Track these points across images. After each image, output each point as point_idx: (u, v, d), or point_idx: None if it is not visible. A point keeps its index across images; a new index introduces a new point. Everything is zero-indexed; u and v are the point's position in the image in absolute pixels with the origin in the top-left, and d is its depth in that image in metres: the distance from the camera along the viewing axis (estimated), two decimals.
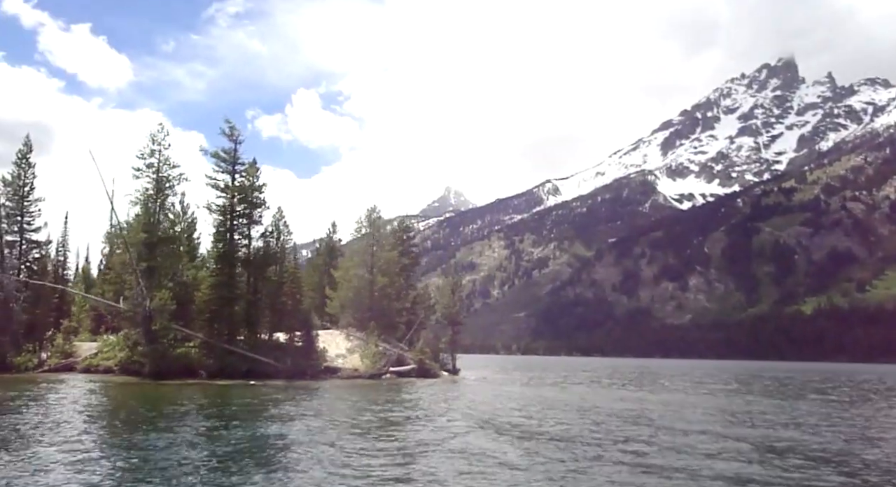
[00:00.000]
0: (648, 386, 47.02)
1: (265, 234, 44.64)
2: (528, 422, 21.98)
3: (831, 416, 26.80)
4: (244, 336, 42.35)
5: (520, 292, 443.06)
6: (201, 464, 13.76)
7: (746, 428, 21.88)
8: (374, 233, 54.08)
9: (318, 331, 50.05)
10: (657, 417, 24.17)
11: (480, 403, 29.35)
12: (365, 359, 44.80)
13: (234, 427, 19.56)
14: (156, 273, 39.66)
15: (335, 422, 21.30)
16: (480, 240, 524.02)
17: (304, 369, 41.58)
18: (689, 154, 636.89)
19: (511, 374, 66.97)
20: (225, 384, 35.64)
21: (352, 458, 14.72)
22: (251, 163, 43.49)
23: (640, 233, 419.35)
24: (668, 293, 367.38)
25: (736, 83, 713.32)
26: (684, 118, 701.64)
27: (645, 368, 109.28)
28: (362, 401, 28.96)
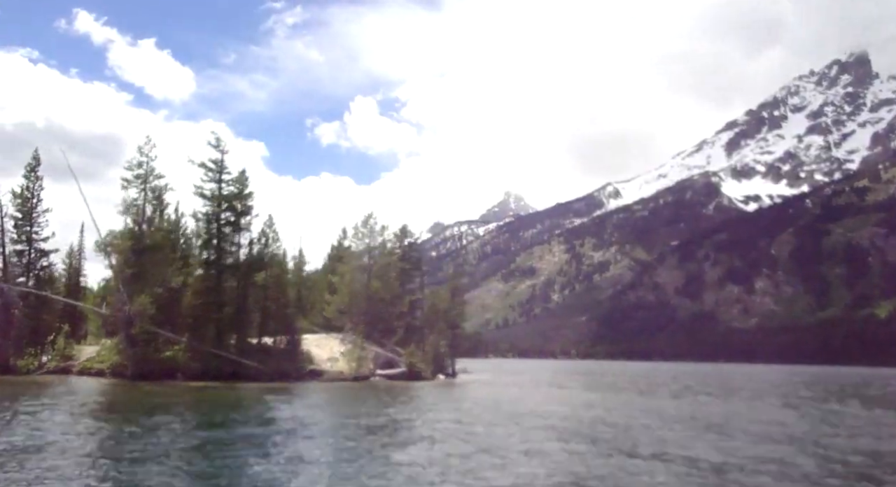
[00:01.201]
0: (726, 396, 42.69)
1: (252, 241, 46.03)
2: (454, 430, 20.90)
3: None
4: (233, 339, 43.84)
5: (580, 296, 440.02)
6: (106, 460, 14.16)
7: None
8: (371, 239, 55.12)
9: (309, 335, 51.49)
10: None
11: (434, 408, 29.26)
12: (351, 362, 45.87)
13: (165, 423, 20.34)
14: (141, 279, 41.39)
15: (263, 422, 21.87)
16: (540, 244, 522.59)
17: (288, 372, 42.86)
18: (755, 154, 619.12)
19: (513, 378, 64.97)
20: (199, 385, 36.84)
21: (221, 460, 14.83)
22: (241, 172, 45.32)
23: (703, 236, 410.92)
24: (733, 296, 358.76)
25: (804, 80, 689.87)
26: (749, 118, 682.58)
27: (712, 373, 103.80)
28: (314, 403, 29.54)
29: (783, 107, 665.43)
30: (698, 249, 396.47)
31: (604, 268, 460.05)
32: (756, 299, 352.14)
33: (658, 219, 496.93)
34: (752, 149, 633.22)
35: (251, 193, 45.29)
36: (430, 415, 25.11)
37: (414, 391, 38.95)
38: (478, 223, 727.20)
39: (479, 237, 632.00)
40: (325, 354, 47.91)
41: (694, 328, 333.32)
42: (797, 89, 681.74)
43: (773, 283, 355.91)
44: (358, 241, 54.94)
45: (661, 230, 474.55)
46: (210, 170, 43.93)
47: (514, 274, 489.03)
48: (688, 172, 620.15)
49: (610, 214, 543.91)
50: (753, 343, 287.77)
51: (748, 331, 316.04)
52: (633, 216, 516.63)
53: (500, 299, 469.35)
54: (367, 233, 54.79)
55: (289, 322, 45.39)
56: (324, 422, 22.31)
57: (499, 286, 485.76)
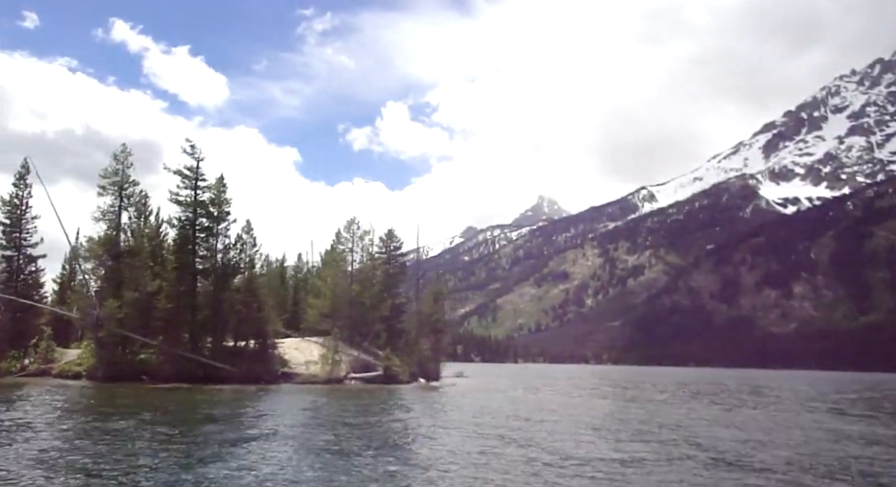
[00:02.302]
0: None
1: (228, 246, 46.33)
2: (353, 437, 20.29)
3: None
4: (208, 343, 44.36)
5: (614, 301, 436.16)
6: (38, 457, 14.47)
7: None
8: (354, 243, 55.33)
9: (290, 339, 51.80)
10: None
11: (379, 412, 28.87)
12: (325, 366, 46.18)
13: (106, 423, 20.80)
14: (116, 283, 42.25)
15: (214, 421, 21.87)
16: (573, 248, 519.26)
17: (259, 374, 43.15)
18: (794, 156, 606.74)
19: (504, 384, 63.42)
20: (166, 387, 37.25)
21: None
22: (218, 179, 45.77)
23: (740, 240, 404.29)
24: (770, 301, 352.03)
25: (845, 80, 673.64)
26: (788, 119, 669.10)
27: (748, 379, 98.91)
28: (270, 405, 29.35)
29: (823, 108, 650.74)
30: (735, 253, 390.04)
31: (638, 273, 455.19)
32: (795, 304, 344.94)
33: (693, 223, 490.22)
34: (790, 151, 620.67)
35: (228, 199, 45.87)
36: (350, 419, 24.76)
37: (374, 394, 38.81)
38: (511, 227, 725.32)
39: (512, 241, 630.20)
40: (304, 357, 48.25)
41: (730, 333, 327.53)
42: (838, 89, 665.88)
43: (812, 288, 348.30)
44: (341, 246, 55.14)
45: (697, 234, 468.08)
46: (185, 177, 44.42)
47: (547, 279, 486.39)
48: (724, 175, 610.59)
49: (644, 218, 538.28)
50: (791, 349, 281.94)
51: (786, 337, 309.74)
52: (667, 220, 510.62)
53: (532, 304, 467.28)
54: (350, 237, 55.05)
55: (260, 326, 45.59)
56: (243, 423, 21.94)
57: (531, 290, 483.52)
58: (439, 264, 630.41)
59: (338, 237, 55.30)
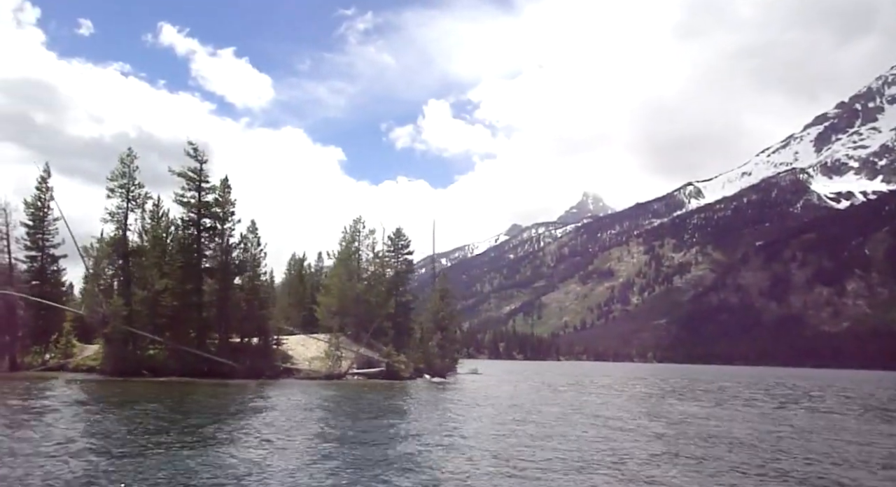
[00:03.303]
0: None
1: (229, 247, 47.54)
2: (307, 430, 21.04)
3: None
4: (217, 339, 45.89)
5: (660, 298, 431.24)
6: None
7: None
8: (359, 242, 56.43)
9: (296, 336, 53.17)
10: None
11: (353, 405, 29.32)
12: (327, 361, 47.60)
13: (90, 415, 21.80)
14: (124, 282, 44.23)
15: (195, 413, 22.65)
16: (619, 245, 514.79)
17: (262, 370, 44.55)
18: (848, 149, 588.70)
19: (517, 383, 60.95)
20: (169, 381, 38.54)
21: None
22: (223, 180, 47.26)
23: (790, 236, 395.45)
24: (822, 298, 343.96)
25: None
26: (841, 111, 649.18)
27: (806, 379, 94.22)
28: (254, 399, 30.36)
29: (879, 99, 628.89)
30: (785, 249, 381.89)
31: (684, 270, 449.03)
32: (848, 302, 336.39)
33: (741, 219, 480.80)
34: (843, 143, 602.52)
35: (233, 200, 47.30)
36: (320, 411, 25.66)
37: (367, 389, 39.67)
38: (556, 225, 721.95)
39: (557, 239, 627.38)
40: (309, 353, 49.79)
41: (780, 331, 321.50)
42: (895, 79, 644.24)
43: (866, 285, 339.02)
44: (347, 244, 56.11)
45: (745, 230, 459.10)
46: (190, 179, 45.90)
47: (592, 276, 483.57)
48: (774, 170, 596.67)
49: (690, 214, 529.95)
50: (844, 347, 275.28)
51: (838, 335, 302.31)
52: (714, 216, 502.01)
53: (577, 301, 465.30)
54: (355, 235, 56.18)
55: (262, 323, 46.99)
56: (219, 416, 22.67)
57: (576, 288, 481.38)
58: (484, 262, 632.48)
59: (344, 236, 56.26)
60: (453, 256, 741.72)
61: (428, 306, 63.97)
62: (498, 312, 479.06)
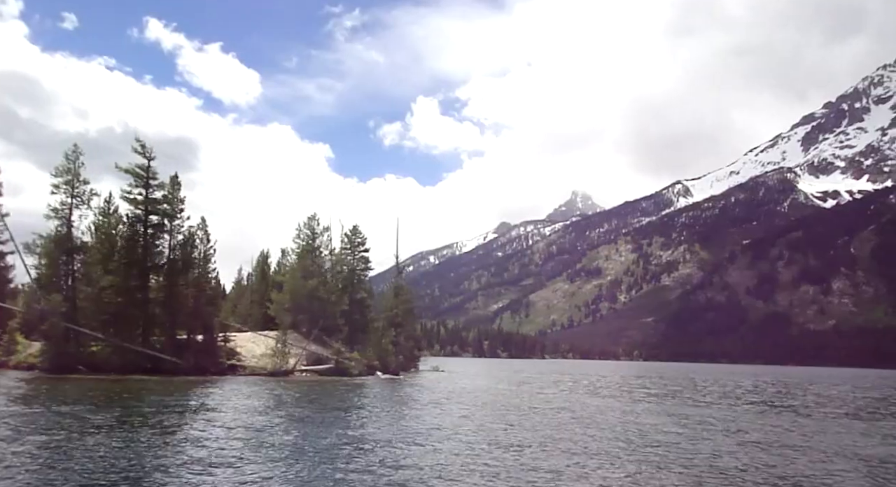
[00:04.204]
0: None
1: (177, 244, 46.99)
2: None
3: None
4: (161, 336, 45.30)
5: (647, 297, 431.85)
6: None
7: None
8: (314, 239, 55.96)
9: (246, 333, 52.70)
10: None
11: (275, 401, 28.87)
12: (274, 358, 47.20)
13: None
14: (66, 278, 43.27)
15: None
16: (607, 243, 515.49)
17: (206, 366, 44.14)
18: (834, 148, 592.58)
19: (471, 377, 61.89)
20: (107, 378, 37.88)
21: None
22: (172, 177, 46.67)
23: (777, 234, 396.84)
24: (808, 297, 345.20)
25: (889, 70, 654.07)
26: (828, 110, 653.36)
27: (787, 377, 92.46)
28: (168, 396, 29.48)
29: (865, 99, 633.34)
30: (771, 248, 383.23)
31: (672, 268, 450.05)
32: (833, 300, 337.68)
33: (729, 218, 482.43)
34: (830, 143, 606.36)
35: (181, 198, 46.72)
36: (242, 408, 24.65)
37: (308, 386, 39.32)
38: (544, 223, 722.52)
39: (546, 237, 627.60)
40: (260, 350, 49.18)
41: (766, 330, 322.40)
42: (881, 79, 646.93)
43: (851, 284, 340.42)
44: (301, 241, 55.69)
45: (732, 229, 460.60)
46: (137, 176, 45.20)
47: (580, 275, 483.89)
48: (761, 169, 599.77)
49: (679, 213, 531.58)
50: (829, 346, 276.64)
51: (824, 334, 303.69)
52: (702, 214, 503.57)
53: (565, 299, 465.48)
54: (310, 233, 55.74)
55: (207, 319, 46.62)
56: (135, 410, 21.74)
57: (564, 286, 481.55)
58: (473, 260, 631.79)
59: (299, 233, 55.71)
60: (441, 254, 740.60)
61: (381, 303, 63.67)
62: (485, 310, 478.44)
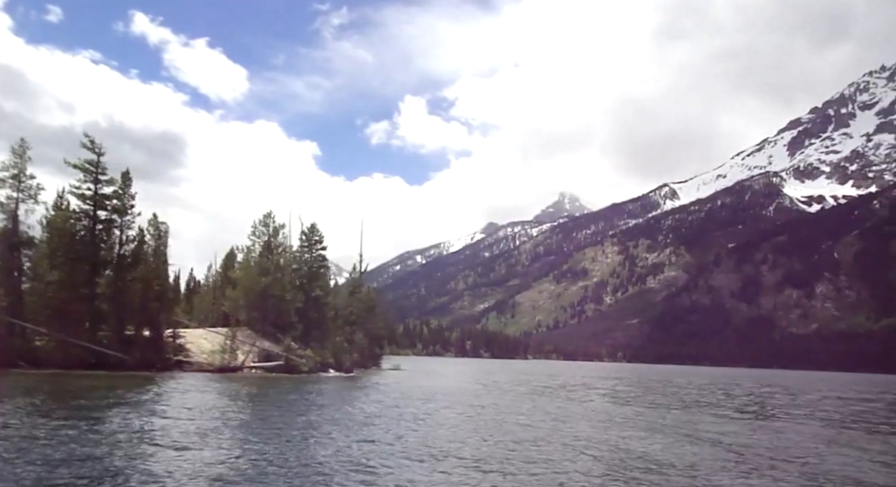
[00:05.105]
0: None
1: (127, 240, 46.64)
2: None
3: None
4: (109, 331, 44.82)
5: (633, 299, 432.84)
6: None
7: None
8: (268, 236, 55.97)
9: (193, 329, 52.23)
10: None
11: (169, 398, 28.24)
12: (223, 355, 47.01)
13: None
14: (12, 273, 42.92)
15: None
16: (593, 245, 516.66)
17: (152, 362, 43.93)
18: (820, 154, 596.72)
19: (431, 376, 61.74)
20: (47, 373, 37.36)
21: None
22: (123, 173, 46.15)
23: (762, 238, 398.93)
24: (792, 300, 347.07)
25: (874, 76, 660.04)
26: (814, 116, 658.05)
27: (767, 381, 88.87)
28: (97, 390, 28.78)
29: (851, 105, 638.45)
30: (756, 252, 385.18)
31: (658, 271, 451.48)
32: (816, 304, 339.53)
33: (715, 221, 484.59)
34: (816, 148, 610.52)
35: (132, 193, 46.33)
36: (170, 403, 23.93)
37: (253, 382, 39.22)
38: (531, 224, 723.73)
39: (533, 238, 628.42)
40: (210, 346, 48.76)
41: (749, 333, 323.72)
42: (866, 85, 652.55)
43: (835, 288, 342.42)
44: (256, 238, 55.47)
45: (718, 232, 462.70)
46: (86, 171, 44.59)
47: (567, 276, 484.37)
48: (748, 172, 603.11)
49: (665, 215, 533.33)
50: (811, 350, 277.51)
51: (806, 338, 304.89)
52: (688, 217, 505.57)
53: (551, 301, 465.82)
54: (265, 230, 55.57)
55: (153, 315, 46.33)
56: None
57: (550, 287, 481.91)
58: (460, 260, 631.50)
59: (254, 230, 55.53)
60: (428, 253, 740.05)
61: (336, 301, 63.29)
62: (472, 310, 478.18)
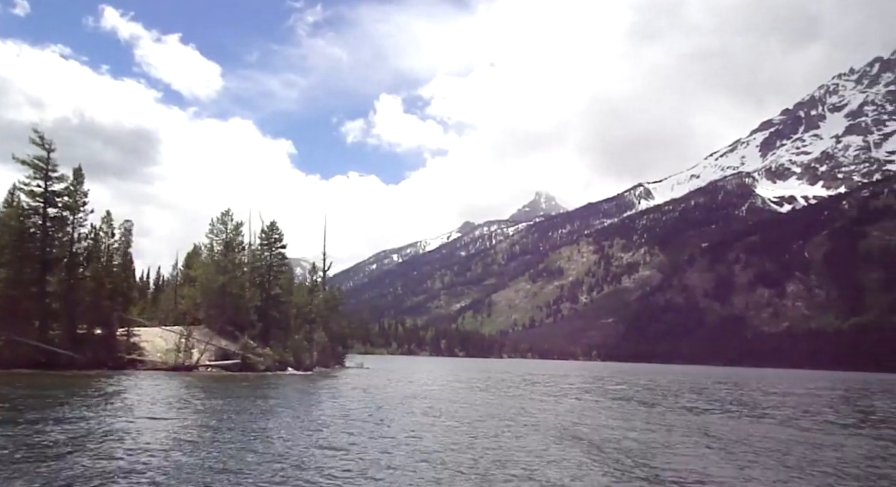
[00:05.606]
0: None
1: (78, 238, 46.18)
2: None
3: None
4: (58, 330, 44.46)
5: (608, 298, 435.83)
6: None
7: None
8: (226, 234, 55.79)
9: (148, 328, 51.86)
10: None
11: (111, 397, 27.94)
12: (178, 353, 46.85)
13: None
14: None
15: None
16: (569, 244, 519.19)
17: (104, 360, 43.65)
18: (791, 155, 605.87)
19: (392, 375, 60.75)
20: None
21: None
22: (76, 170, 45.67)
23: (735, 238, 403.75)
24: (763, 300, 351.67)
25: (844, 79, 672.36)
26: (786, 117, 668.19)
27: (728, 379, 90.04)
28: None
29: (821, 107, 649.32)
30: (729, 251, 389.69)
31: (632, 270, 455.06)
32: (787, 303, 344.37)
33: (689, 221, 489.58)
34: (787, 149, 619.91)
35: (84, 191, 45.93)
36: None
37: (206, 380, 39.05)
38: (508, 223, 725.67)
39: (509, 237, 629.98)
40: (165, 345, 48.44)
41: (722, 331, 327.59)
42: (836, 88, 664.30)
43: (805, 287, 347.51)
44: (214, 236, 55.25)
45: (692, 232, 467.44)
46: (35, 168, 44.13)
47: (543, 275, 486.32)
48: (721, 173, 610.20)
49: (640, 215, 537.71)
50: (782, 348, 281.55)
51: (777, 336, 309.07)
52: (663, 217, 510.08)
53: (527, 300, 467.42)
54: (223, 228, 55.38)
55: (106, 313, 45.91)
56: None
57: (526, 286, 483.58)
58: (436, 259, 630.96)
59: (212, 228, 55.29)
60: (405, 252, 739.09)
61: (294, 300, 62.86)
62: (448, 309, 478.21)
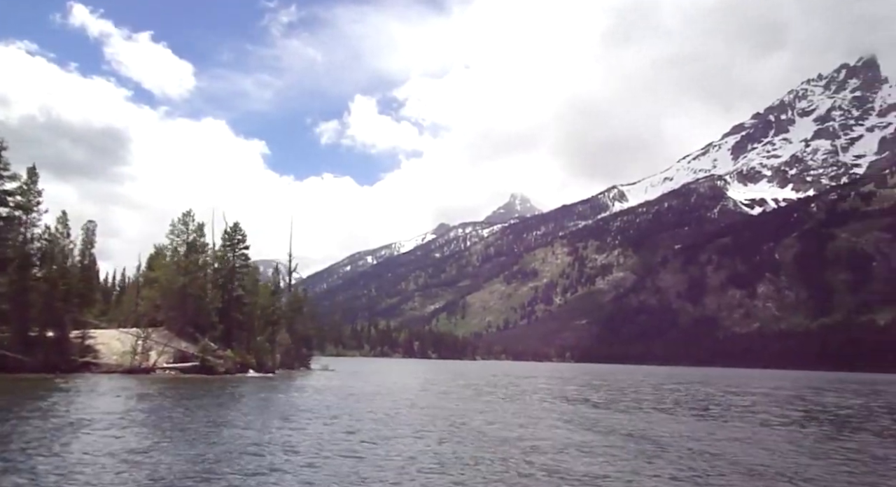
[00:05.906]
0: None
1: (30, 238, 45.45)
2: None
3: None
4: (11, 332, 43.37)
5: (582, 299, 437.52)
6: None
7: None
8: (187, 235, 55.04)
9: (104, 331, 50.99)
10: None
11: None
12: (134, 355, 46.11)
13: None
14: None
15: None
16: (544, 246, 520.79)
17: (56, 363, 42.87)
18: (762, 158, 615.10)
19: (355, 377, 61.33)
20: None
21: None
22: (30, 169, 44.80)
23: (707, 240, 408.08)
24: (735, 301, 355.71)
25: (812, 84, 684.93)
26: (756, 121, 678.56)
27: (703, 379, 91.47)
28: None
29: (790, 112, 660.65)
30: (701, 253, 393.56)
31: (606, 271, 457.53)
32: (758, 304, 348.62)
33: (662, 223, 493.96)
34: (758, 152, 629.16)
35: (38, 190, 45.12)
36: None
37: (159, 383, 38.53)
38: (482, 225, 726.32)
39: (484, 238, 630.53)
40: (122, 347, 47.50)
41: (694, 332, 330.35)
42: (805, 93, 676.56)
43: (775, 288, 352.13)
44: (175, 237, 54.45)
45: (665, 234, 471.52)
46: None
47: (517, 277, 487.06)
48: (694, 176, 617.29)
49: (614, 217, 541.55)
50: (753, 348, 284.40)
51: (748, 337, 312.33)
52: (636, 219, 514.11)
53: (501, 301, 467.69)
54: (184, 229, 54.59)
55: (59, 315, 44.93)
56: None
57: (501, 288, 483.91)
58: (410, 260, 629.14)
59: (173, 229, 54.50)
60: (379, 254, 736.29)
61: (259, 301, 61.88)
62: (422, 311, 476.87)
